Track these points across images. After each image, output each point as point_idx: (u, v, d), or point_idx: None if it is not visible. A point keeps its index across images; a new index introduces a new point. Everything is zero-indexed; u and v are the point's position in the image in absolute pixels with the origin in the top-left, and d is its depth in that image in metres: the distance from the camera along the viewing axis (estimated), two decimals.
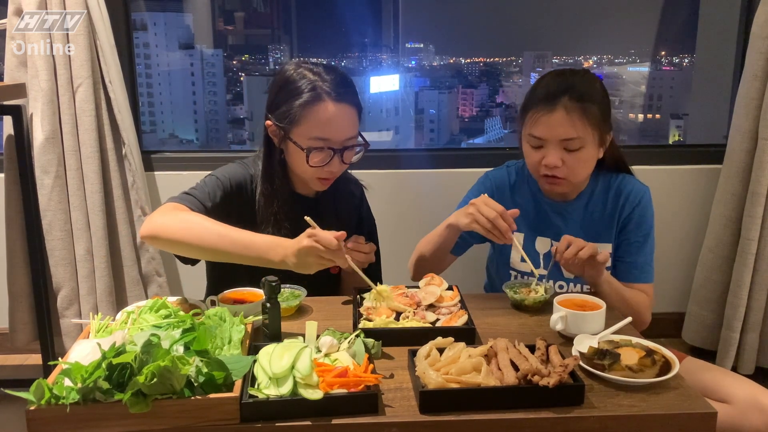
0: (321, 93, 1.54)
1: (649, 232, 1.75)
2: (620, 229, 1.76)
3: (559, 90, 1.63)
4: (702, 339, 2.68)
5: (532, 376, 1.13)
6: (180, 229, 1.42)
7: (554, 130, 1.62)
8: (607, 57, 3.88)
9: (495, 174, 1.89)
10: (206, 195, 1.57)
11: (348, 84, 1.60)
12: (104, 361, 1.03)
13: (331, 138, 1.55)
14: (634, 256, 1.74)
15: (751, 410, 1.47)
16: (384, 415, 1.10)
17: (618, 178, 1.78)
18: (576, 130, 1.61)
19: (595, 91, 1.66)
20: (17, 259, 2.42)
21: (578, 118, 1.61)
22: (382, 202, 2.63)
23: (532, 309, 1.56)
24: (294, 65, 1.60)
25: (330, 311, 1.56)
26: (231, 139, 3.89)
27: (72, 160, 2.38)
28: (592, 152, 1.66)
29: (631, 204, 1.74)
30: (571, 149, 1.63)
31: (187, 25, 3.61)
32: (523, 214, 1.79)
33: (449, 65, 4.17)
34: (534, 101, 1.66)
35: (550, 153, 1.64)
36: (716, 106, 2.99)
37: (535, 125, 1.65)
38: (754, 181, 2.43)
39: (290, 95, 1.56)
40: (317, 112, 1.54)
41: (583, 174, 1.71)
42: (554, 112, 1.62)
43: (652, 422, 1.11)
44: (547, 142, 1.64)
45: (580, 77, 1.67)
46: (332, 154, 1.56)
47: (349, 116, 1.57)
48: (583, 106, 1.62)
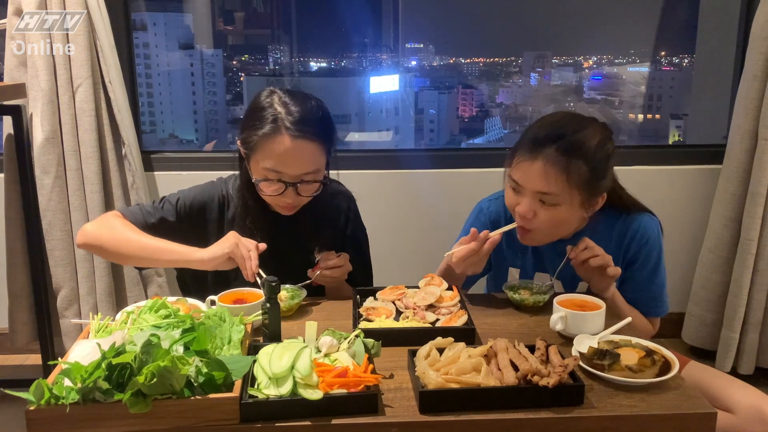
0: (280, 126, 1.52)
1: (657, 267, 1.67)
2: (625, 267, 1.66)
3: (547, 138, 1.50)
4: (702, 339, 2.69)
5: (532, 376, 1.13)
6: (107, 238, 1.57)
7: (530, 180, 1.50)
8: (607, 57, 3.88)
9: (489, 207, 1.78)
10: (155, 211, 1.66)
11: (314, 120, 1.56)
12: (104, 362, 1.03)
13: (284, 172, 1.54)
14: (639, 292, 1.67)
15: (754, 420, 1.44)
16: (384, 415, 1.10)
17: (621, 217, 1.67)
18: (551, 185, 1.48)
19: (589, 147, 1.50)
20: (17, 259, 2.42)
21: (556, 174, 1.48)
22: (382, 202, 2.64)
23: (532, 309, 1.56)
24: (268, 92, 1.59)
25: (330, 311, 1.56)
26: (231, 139, 3.89)
27: (72, 160, 2.38)
28: (568, 212, 1.53)
29: (638, 243, 1.65)
30: (546, 203, 1.52)
31: (186, 25, 3.61)
32: (519, 250, 1.73)
33: (449, 65, 4.18)
34: (522, 143, 1.55)
35: (524, 202, 1.53)
36: (716, 106, 2.98)
37: (515, 169, 1.54)
38: (754, 182, 2.43)
39: (254, 123, 1.55)
40: (273, 144, 1.53)
41: (556, 233, 1.59)
42: (535, 161, 1.49)
43: (652, 422, 1.11)
44: (523, 190, 1.53)
45: (581, 128, 1.52)
46: (284, 187, 1.56)
47: (307, 153, 1.54)
48: (569, 162, 1.47)
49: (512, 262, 1.76)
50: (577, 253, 1.52)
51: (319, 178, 1.59)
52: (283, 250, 1.67)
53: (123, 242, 1.56)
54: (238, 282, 1.56)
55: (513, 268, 1.76)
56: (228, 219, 1.71)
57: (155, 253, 1.53)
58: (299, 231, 1.69)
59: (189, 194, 1.71)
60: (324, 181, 1.61)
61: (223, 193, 1.72)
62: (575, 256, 1.53)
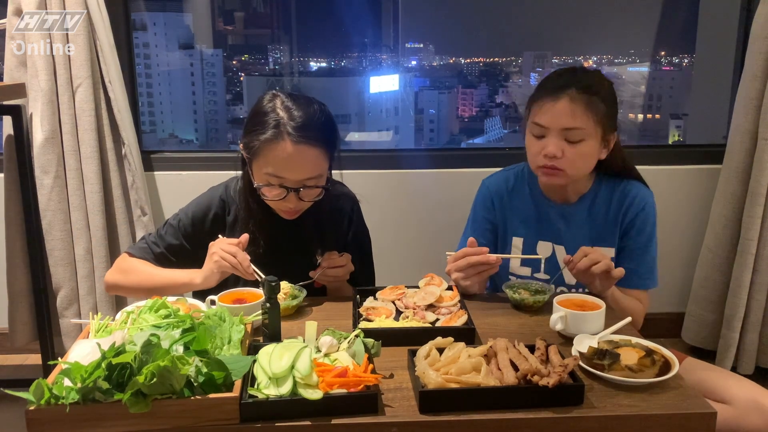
0: (282, 132, 1.51)
1: (651, 237, 1.74)
2: (622, 234, 1.75)
3: (566, 81, 1.64)
4: (702, 339, 2.69)
5: (532, 376, 1.13)
6: (123, 284, 1.69)
7: (557, 118, 1.62)
8: (607, 57, 3.88)
9: (491, 181, 1.87)
10: (159, 240, 1.70)
11: (317, 125, 1.55)
12: (104, 361, 1.03)
13: (286, 177, 1.53)
14: (635, 262, 1.73)
15: (752, 411, 1.46)
16: (384, 415, 1.10)
17: (623, 182, 1.76)
18: (577, 120, 1.61)
19: (603, 89, 1.66)
20: (17, 259, 2.42)
21: (582, 110, 1.61)
22: (382, 202, 2.64)
23: (532, 309, 1.56)
24: (270, 96, 1.59)
25: (330, 311, 1.56)
26: (231, 139, 3.89)
27: (72, 160, 2.38)
28: (593, 147, 1.65)
29: (635, 209, 1.73)
30: (572, 140, 1.62)
31: (186, 25, 3.61)
32: (523, 217, 1.79)
33: (449, 65, 4.17)
34: (541, 92, 1.67)
35: (551, 142, 1.63)
36: (716, 106, 2.99)
37: (539, 113, 1.65)
38: (754, 181, 2.43)
39: (257, 127, 1.54)
40: (274, 150, 1.52)
41: (582, 168, 1.69)
42: (558, 101, 1.62)
43: (652, 422, 1.11)
44: (548, 131, 1.63)
45: (590, 74, 1.68)
46: (286, 192, 1.55)
47: (309, 158, 1.53)
48: (589, 99, 1.61)
49: (515, 231, 1.80)
50: (576, 264, 1.53)
51: (322, 183, 1.59)
52: (286, 253, 1.68)
53: (136, 285, 1.66)
54: (238, 282, 1.56)
55: (516, 238, 1.80)
56: (229, 222, 1.71)
57: (165, 290, 1.58)
58: (302, 234, 1.69)
59: (188, 211, 1.72)
60: (326, 186, 1.60)
61: (222, 198, 1.71)
62: (574, 266, 1.54)
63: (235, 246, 1.52)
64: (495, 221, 1.83)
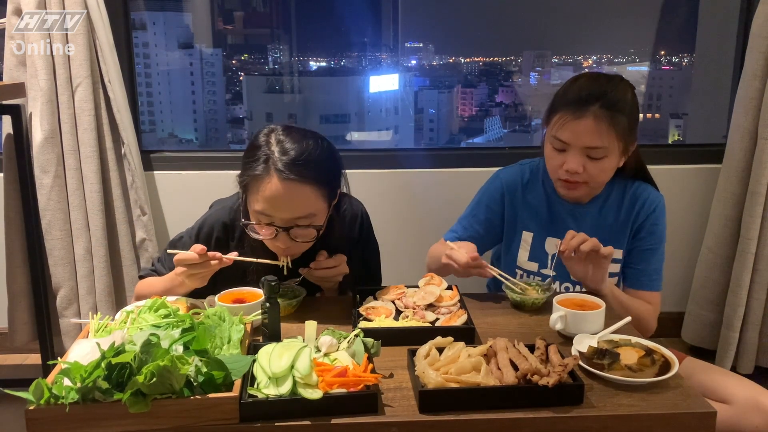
0: (270, 167, 1.45)
1: (661, 240, 1.75)
2: (632, 236, 1.75)
3: (591, 96, 1.59)
4: (701, 338, 2.69)
5: (532, 375, 1.13)
6: None
7: (580, 137, 1.60)
8: (606, 56, 3.88)
9: (506, 174, 1.85)
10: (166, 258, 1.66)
11: (310, 161, 1.47)
12: (103, 361, 1.03)
13: (274, 215, 1.47)
14: (644, 263, 1.74)
15: (751, 411, 1.46)
16: (383, 414, 1.10)
17: (634, 184, 1.77)
18: (602, 139, 1.59)
19: (626, 102, 1.63)
20: (16, 258, 2.42)
21: (606, 128, 1.58)
22: (382, 201, 2.64)
23: (531, 309, 1.56)
24: (267, 131, 1.53)
25: (330, 311, 1.56)
26: (230, 139, 3.90)
27: (71, 159, 2.38)
28: (614, 161, 1.65)
29: (646, 211, 1.73)
30: (594, 157, 1.61)
31: (186, 25, 3.61)
32: (534, 214, 1.80)
33: (449, 65, 4.18)
34: (564, 103, 1.62)
35: (572, 159, 1.62)
36: (716, 105, 2.98)
37: (562, 129, 1.62)
38: (754, 181, 2.43)
39: (249, 162, 1.49)
40: (262, 186, 1.45)
41: (602, 182, 1.70)
42: (582, 119, 1.59)
43: (652, 422, 1.11)
44: (570, 147, 1.62)
45: (615, 85, 1.63)
46: (275, 231, 1.49)
47: (299, 196, 1.46)
48: (613, 116, 1.59)
49: (526, 226, 1.81)
50: (568, 243, 1.54)
51: (317, 223, 1.51)
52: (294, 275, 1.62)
53: None
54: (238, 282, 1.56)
55: (526, 232, 1.80)
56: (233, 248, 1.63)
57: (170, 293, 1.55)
58: (310, 257, 1.60)
59: (191, 233, 1.67)
60: (321, 227, 1.52)
61: (225, 222, 1.66)
62: (566, 246, 1.54)
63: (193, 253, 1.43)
64: (500, 214, 1.83)
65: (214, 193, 1.82)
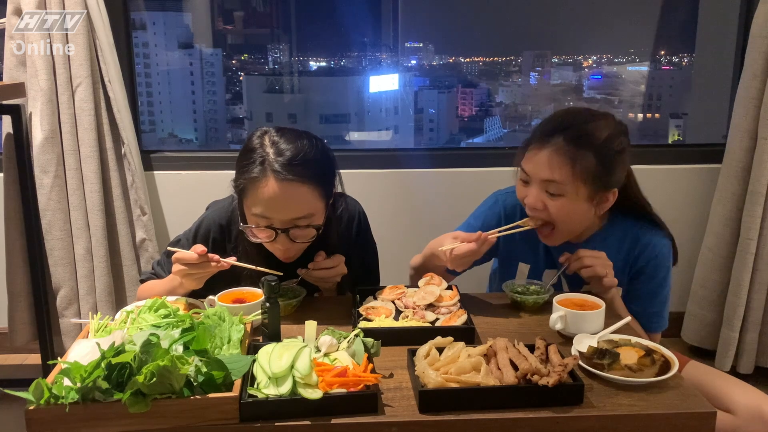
0: (267, 169, 1.44)
1: (662, 284, 1.68)
2: (631, 278, 1.68)
3: (558, 128, 1.52)
4: (701, 338, 2.69)
5: (532, 375, 1.13)
6: None
7: (537, 168, 1.52)
8: (606, 56, 3.88)
9: (506, 199, 1.76)
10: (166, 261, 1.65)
11: (306, 161, 1.47)
12: (103, 361, 1.03)
13: (273, 217, 1.47)
14: (641, 306, 1.67)
15: (754, 421, 1.44)
16: (383, 414, 1.10)
17: (637, 225, 1.67)
18: (555, 173, 1.49)
19: (597, 139, 1.50)
20: (16, 258, 2.42)
21: (563, 162, 1.49)
22: (381, 201, 2.64)
23: (531, 309, 1.56)
24: (260, 133, 1.52)
25: (329, 311, 1.56)
26: (230, 139, 3.89)
27: (71, 159, 2.38)
28: (574, 205, 1.53)
29: (647, 257, 1.65)
30: (551, 192, 1.52)
31: (186, 25, 3.61)
32: (531, 245, 1.72)
33: (449, 65, 4.18)
34: (534, 134, 1.57)
35: (531, 192, 1.55)
36: (716, 105, 2.98)
37: (526, 158, 1.56)
38: (754, 181, 2.43)
39: (244, 164, 1.48)
40: (259, 188, 1.45)
41: (568, 225, 1.57)
42: (542, 150, 1.51)
43: (652, 422, 1.11)
44: (531, 180, 1.55)
45: (590, 121, 1.53)
46: (275, 233, 1.48)
47: (297, 197, 1.45)
48: (575, 152, 1.48)
49: (524, 258, 1.75)
50: (571, 262, 1.53)
51: (315, 223, 1.51)
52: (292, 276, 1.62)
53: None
54: (237, 282, 1.56)
55: (523, 264, 1.75)
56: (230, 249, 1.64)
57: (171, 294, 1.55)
58: (308, 258, 1.60)
59: (188, 236, 1.67)
60: (320, 226, 1.52)
61: (221, 224, 1.66)
62: (569, 264, 1.53)
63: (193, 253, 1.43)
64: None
65: (214, 193, 1.82)
